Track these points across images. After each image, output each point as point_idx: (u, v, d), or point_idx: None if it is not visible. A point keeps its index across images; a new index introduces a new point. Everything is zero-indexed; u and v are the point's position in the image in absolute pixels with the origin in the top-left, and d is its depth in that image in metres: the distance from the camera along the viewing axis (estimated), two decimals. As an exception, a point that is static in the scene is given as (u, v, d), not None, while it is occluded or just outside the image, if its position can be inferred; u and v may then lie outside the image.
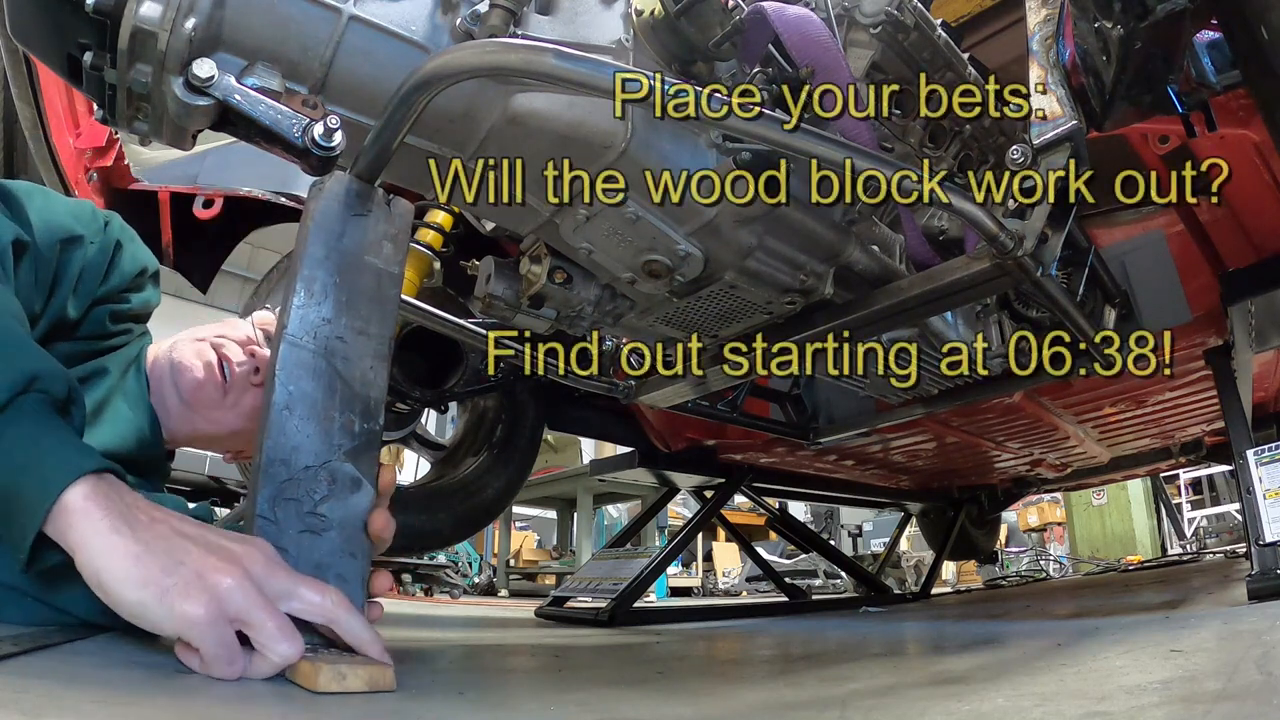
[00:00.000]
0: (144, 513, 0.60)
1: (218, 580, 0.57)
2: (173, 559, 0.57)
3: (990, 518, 4.38)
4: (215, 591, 0.56)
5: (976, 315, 1.40)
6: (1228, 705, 0.59)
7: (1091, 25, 0.95)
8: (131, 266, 1.04)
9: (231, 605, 0.57)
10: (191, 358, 1.12)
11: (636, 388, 1.52)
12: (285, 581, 0.61)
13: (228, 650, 0.57)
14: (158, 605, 0.56)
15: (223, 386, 1.13)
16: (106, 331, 1.03)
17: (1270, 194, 1.57)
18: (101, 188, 1.77)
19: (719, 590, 6.76)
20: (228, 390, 1.13)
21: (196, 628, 0.56)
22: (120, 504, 0.59)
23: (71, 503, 0.57)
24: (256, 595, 0.58)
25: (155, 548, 0.57)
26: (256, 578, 0.59)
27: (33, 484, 0.57)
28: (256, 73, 0.73)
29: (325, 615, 0.62)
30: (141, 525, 0.58)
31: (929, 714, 0.65)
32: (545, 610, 2.67)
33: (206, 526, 0.63)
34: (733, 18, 0.84)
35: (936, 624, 2.07)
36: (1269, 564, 1.50)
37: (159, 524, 0.60)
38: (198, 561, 0.58)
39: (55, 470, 0.58)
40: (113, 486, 0.60)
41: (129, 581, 0.56)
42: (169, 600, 0.56)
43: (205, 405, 1.13)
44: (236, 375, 1.14)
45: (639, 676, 1.00)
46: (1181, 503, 8.40)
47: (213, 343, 1.15)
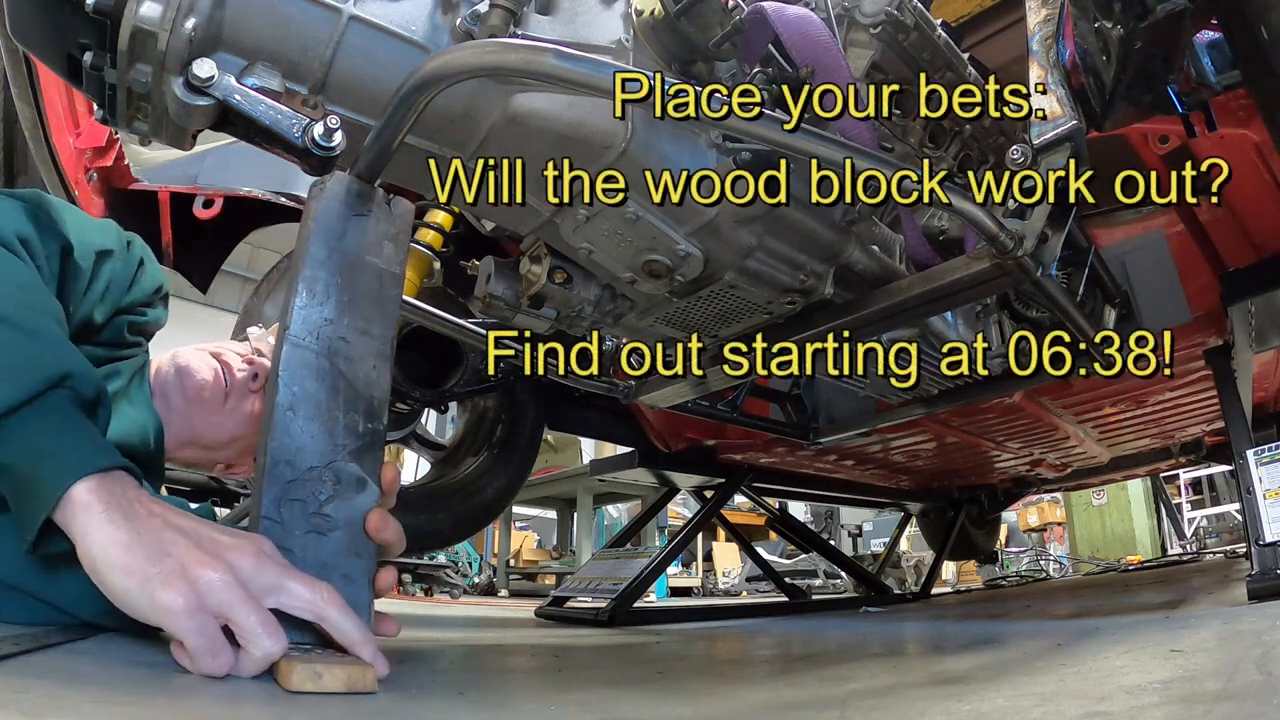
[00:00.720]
0: (144, 506, 0.62)
1: (200, 573, 0.58)
2: (160, 550, 0.59)
3: (990, 518, 4.38)
4: (196, 584, 0.57)
5: (976, 315, 1.40)
6: (1228, 705, 0.59)
7: (1091, 25, 0.95)
8: (150, 284, 1.10)
9: (213, 598, 0.57)
10: (197, 362, 1.20)
11: (636, 388, 1.52)
12: (274, 576, 0.61)
13: (210, 642, 0.57)
14: (140, 593, 0.57)
15: (224, 391, 1.20)
16: (124, 340, 1.08)
17: (1270, 194, 1.57)
18: (101, 188, 1.77)
19: (719, 590, 6.76)
20: (229, 395, 1.20)
21: (174, 617, 0.57)
22: (123, 498, 0.61)
23: (79, 494, 0.59)
24: (239, 590, 0.58)
25: (145, 539, 0.59)
26: (243, 572, 0.60)
27: (50, 472, 0.60)
28: (256, 73, 0.73)
29: (314, 612, 0.62)
30: (138, 517, 0.60)
31: (929, 714, 0.65)
32: (545, 610, 2.67)
33: (205, 522, 0.64)
34: (733, 18, 0.84)
35: (936, 624, 2.07)
36: (1269, 564, 1.50)
37: (155, 517, 0.61)
38: (184, 554, 0.59)
39: (72, 463, 0.61)
40: (119, 482, 0.62)
41: (117, 569, 0.58)
42: (150, 589, 0.57)
43: (207, 408, 1.19)
44: (237, 380, 1.21)
45: (639, 676, 1.00)
46: (1181, 503, 8.40)
47: (213, 351, 1.23)
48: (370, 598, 0.72)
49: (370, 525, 0.73)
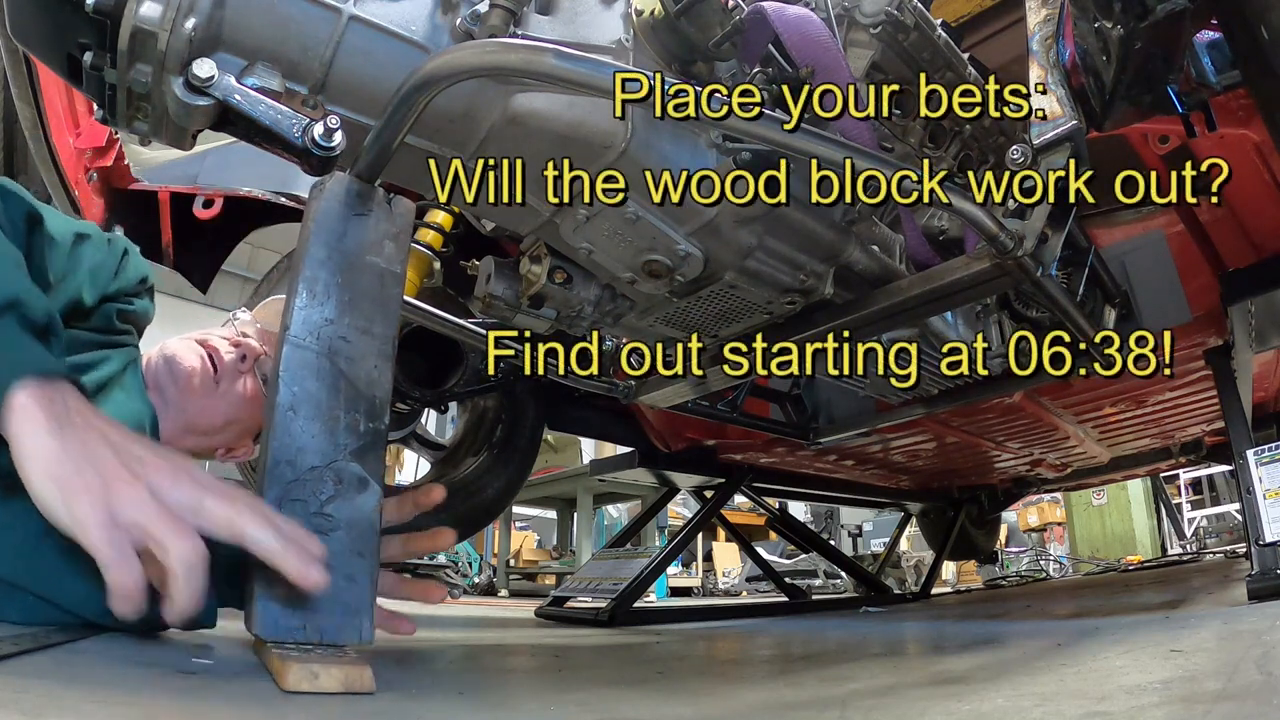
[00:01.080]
0: (82, 417, 0.62)
1: (118, 489, 0.58)
2: (85, 462, 0.59)
3: (990, 518, 4.37)
4: (112, 499, 0.58)
5: (976, 315, 1.40)
6: (1228, 705, 0.59)
7: (1091, 25, 0.95)
8: (135, 274, 1.11)
9: (126, 514, 0.58)
10: (184, 351, 1.23)
11: (636, 388, 1.52)
12: (190, 493, 0.61)
13: (120, 556, 0.57)
14: (58, 503, 0.58)
15: (214, 376, 1.23)
16: (114, 328, 1.10)
17: (1270, 194, 1.57)
18: (101, 188, 1.76)
19: (719, 590, 6.75)
20: (219, 379, 1.23)
21: (87, 530, 0.57)
22: (63, 406, 0.61)
23: (19, 399, 0.59)
24: (152, 505, 0.59)
25: (73, 450, 0.59)
26: (160, 489, 0.60)
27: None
28: (256, 73, 0.73)
29: (231, 530, 0.62)
30: (73, 427, 0.60)
31: (929, 714, 0.65)
32: (545, 610, 2.67)
33: (138, 439, 0.64)
34: (733, 18, 0.84)
35: (936, 624, 2.07)
36: (1269, 564, 1.50)
37: (91, 430, 0.62)
38: (107, 469, 0.60)
39: (13, 366, 0.60)
40: (61, 392, 0.62)
41: (43, 475, 0.58)
42: (69, 500, 0.58)
43: (199, 394, 1.22)
44: (225, 364, 1.24)
45: (639, 676, 1.01)
46: (1181, 503, 8.39)
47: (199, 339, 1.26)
48: (374, 598, 0.72)
49: None
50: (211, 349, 1.25)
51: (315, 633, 0.65)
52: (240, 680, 0.60)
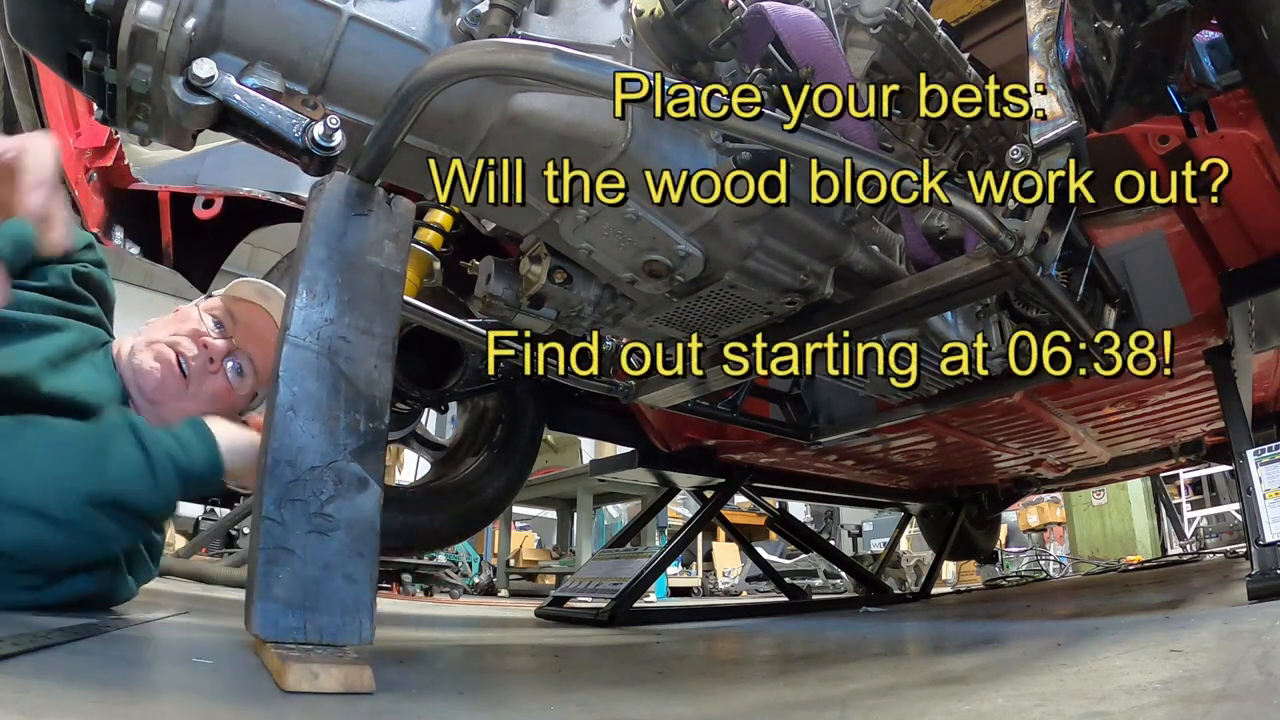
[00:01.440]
0: None
1: None
2: None
3: (990, 518, 4.37)
4: None
5: (976, 315, 1.39)
6: (1228, 705, 0.59)
7: (1091, 25, 0.95)
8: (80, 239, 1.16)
9: None
10: (150, 361, 1.20)
11: (636, 388, 1.52)
12: None
13: None
14: None
15: (183, 381, 1.21)
16: (73, 292, 1.12)
17: (1270, 194, 1.57)
18: (101, 188, 1.76)
19: (719, 590, 6.75)
20: (188, 383, 1.22)
21: None
22: None
23: None
24: None
25: None
26: None
27: None
28: (256, 73, 0.73)
29: None
30: None
31: (929, 714, 0.65)
32: (545, 610, 2.66)
33: None
34: (733, 18, 0.84)
35: (936, 624, 2.07)
36: (1269, 564, 1.50)
37: None
38: None
39: None
40: None
41: None
42: None
43: (169, 399, 1.21)
44: (194, 368, 1.22)
45: (639, 676, 1.01)
46: (1181, 503, 8.39)
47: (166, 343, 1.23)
48: (374, 598, 0.72)
49: None
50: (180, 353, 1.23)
51: (315, 633, 0.65)
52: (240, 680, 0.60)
